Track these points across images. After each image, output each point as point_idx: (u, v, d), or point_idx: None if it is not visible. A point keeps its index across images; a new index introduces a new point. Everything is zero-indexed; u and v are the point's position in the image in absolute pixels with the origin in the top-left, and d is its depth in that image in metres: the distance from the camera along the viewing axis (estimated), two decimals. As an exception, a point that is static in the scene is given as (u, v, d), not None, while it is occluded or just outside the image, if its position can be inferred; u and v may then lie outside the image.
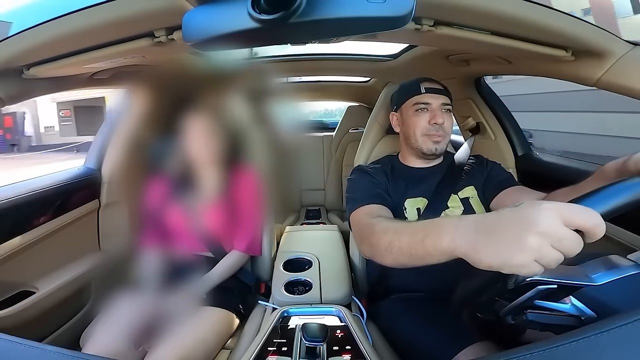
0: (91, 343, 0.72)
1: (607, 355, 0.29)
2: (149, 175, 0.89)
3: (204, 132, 0.86)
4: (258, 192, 0.93)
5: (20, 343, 0.36)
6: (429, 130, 0.85)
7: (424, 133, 0.85)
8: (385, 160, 0.95)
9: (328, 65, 1.55)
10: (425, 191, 0.85)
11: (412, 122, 0.86)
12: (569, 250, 0.36)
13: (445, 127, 0.85)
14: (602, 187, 0.41)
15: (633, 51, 0.64)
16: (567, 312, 0.45)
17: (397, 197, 0.85)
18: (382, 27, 0.43)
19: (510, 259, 0.37)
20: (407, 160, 0.93)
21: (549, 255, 0.36)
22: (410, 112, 0.88)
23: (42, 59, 0.68)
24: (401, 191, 0.85)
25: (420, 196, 0.85)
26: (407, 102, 0.89)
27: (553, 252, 0.36)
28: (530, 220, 0.37)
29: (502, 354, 0.32)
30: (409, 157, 0.92)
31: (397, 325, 0.79)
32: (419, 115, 0.86)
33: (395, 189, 0.86)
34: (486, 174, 0.88)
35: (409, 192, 0.86)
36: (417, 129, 0.86)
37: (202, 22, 0.46)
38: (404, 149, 0.93)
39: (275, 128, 0.85)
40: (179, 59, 0.80)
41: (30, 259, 0.93)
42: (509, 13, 0.57)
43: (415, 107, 0.86)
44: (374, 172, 0.88)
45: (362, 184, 0.84)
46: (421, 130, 0.85)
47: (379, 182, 0.85)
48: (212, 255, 0.96)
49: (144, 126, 0.82)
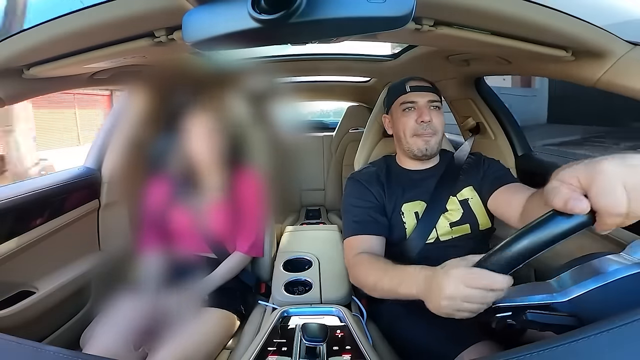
0: (91, 344, 0.72)
1: (607, 355, 0.29)
2: (149, 175, 0.89)
3: (203, 133, 0.86)
4: (260, 193, 0.93)
5: (20, 343, 0.36)
6: (417, 130, 0.83)
7: (413, 133, 0.84)
8: (381, 163, 0.94)
9: (328, 65, 1.55)
10: (423, 194, 0.84)
11: (401, 123, 0.86)
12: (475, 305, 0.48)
13: (434, 124, 0.83)
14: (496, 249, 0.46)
15: (633, 51, 0.64)
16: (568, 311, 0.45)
17: (394, 203, 0.84)
18: (382, 27, 0.43)
19: (439, 311, 0.52)
20: (403, 162, 0.91)
21: (463, 308, 0.49)
22: (398, 112, 0.87)
23: (42, 59, 0.68)
24: (398, 195, 0.84)
25: (418, 199, 0.84)
26: (395, 102, 0.88)
27: (465, 305, 0.48)
28: (441, 287, 0.50)
29: (502, 354, 0.32)
30: (404, 159, 0.91)
31: (397, 325, 0.79)
32: (407, 114, 0.85)
33: (391, 194, 0.84)
34: (482, 172, 0.86)
35: (406, 195, 0.84)
36: (406, 129, 0.84)
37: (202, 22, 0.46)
38: (398, 151, 0.93)
39: (276, 128, 0.85)
40: (179, 59, 0.80)
41: (30, 259, 0.93)
42: (509, 13, 0.57)
43: (403, 107, 0.86)
44: (368, 182, 0.86)
45: (352, 209, 0.84)
46: (410, 131, 0.84)
47: (370, 199, 0.84)
48: (215, 256, 0.96)
49: (144, 126, 0.82)
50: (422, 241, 0.80)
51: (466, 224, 0.81)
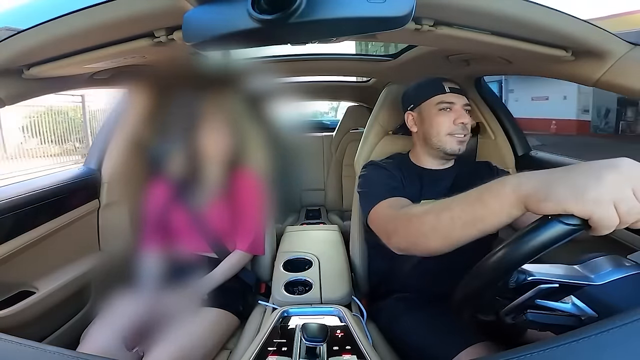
0: (85, 343, 0.72)
1: (607, 355, 0.29)
2: (149, 175, 0.89)
3: (203, 132, 0.86)
4: (260, 192, 0.93)
5: (20, 343, 0.36)
6: (454, 130, 0.84)
7: (448, 132, 0.84)
8: (396, 158, 0.93)
9: (328, 65, 1.55)
10: (439, 194, 0.82)
11: (436, 122, 0.85)
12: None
13: (468, 127, 0.85)
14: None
15: (633, 51, 0.64)
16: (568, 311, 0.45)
17: (410, 196, 0.82)
18: (382, 27, 0.43)
19: (585, 190, 0.34)
20: (421, 161, 0.91)
21: (628, 201, 0.33)
22: (433, 111, 0.86)
23: (42, 59, 0.68)
24: (415, 192, 0.84)
25: (434, 199, 0.83)
26: (428, 100, 0.86)
27: (633, 201, 0.34)
28: (613, 163, 0.35)
29: (502, 354, 0.32)
30: (424, 157, 0.90)
31: (398, 326, 0.79)
32: (444, 114, 0.84)
33: (410, 187, 0.84)
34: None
35: (423, 193, 0.84)
36: (441, 128, 0.84)
37: (202, 22, 0.46)
38: (420, 148, 0.91)
39: (275, 128, 0.85)
40: (179, 59, 0.80)
41: (30, 259, 0.93)
42: (509, 13, 0.57)
43: (440, 106, 0.85)
44: (389, 166, 0.86)
45: (379, 178, 0.83)
46: (446, 130, 0.84)
47: (396, 175, 0.84)
48: (215, 255, 0.96)
49: (144, 126, 0.82)
50: None
51: None
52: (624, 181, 0.34)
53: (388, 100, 1.12)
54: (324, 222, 1.99)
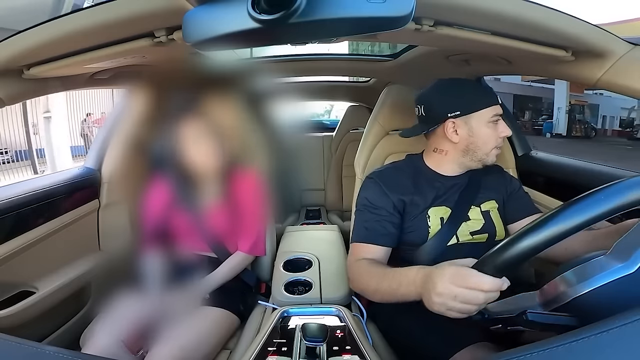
0: (89, 344, 0.72)
1: (607, 355, 0.29)
2: (149, 175, 0.89)
3: (204, 132, 0.86)
4: (260, 193, 0.93)
5: (20, 343, 0.36)
6: (499, 143, 0.82)
7: (495, 146, 0.81)
8: (407, 163, 0.90)
9: (328, 65, 1.55)
10: (449, 200, 0.83)
11: (486, 134, 0.80)
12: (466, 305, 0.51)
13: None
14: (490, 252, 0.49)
15: (633, 51, 0.64)
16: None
17: (422, 205, 0.82)
18: (382, 27, 0.43)
19: (431, 308, 0.55)
20: (441, 167, 0.86)
21: (453, 307, 0.52)
22: (484, 121, 0.80)
23: (42, 59, 0.68)
24: (427, 198, 0.82)
25: (444, 205, 0.82)
26: (482, 111, 0.80)
27: (454, 304, 0.51)
28: (433, 283, 0.54)
29: (502, 354, 0.32)
30: (449, 165, 0.85)
31: (397, 326, 0.79)
32: (493, 127, 0.80)
33: (421, 196, 0.82)
34: (507, 191, 0.87)
35: (436, 199, 0.82)
36: (490, 141, 0.80)
37: (202, 22, 0.46)
38: (451, 156, 0.84)
39: (276, 128, 0.85)
40: (179, 59, 0.80)
41: (30, 259, 0.93)
42: (509, 13, 0.57)
43: (494, 118, 0.80)
44: (388, 187, 0.82)
45: (365, 213, 0.83)
46: (494, 143, 0.81)
47: (387, 208, 0.81)
48: (216, 256, 0.96)
49: (144, 126, 0.82)
50: (442, 246, 0.79)
51: (485, 233, 0.82)
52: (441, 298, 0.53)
53: (388, 100, 1.12)
54: (324, 222, 1.99)
